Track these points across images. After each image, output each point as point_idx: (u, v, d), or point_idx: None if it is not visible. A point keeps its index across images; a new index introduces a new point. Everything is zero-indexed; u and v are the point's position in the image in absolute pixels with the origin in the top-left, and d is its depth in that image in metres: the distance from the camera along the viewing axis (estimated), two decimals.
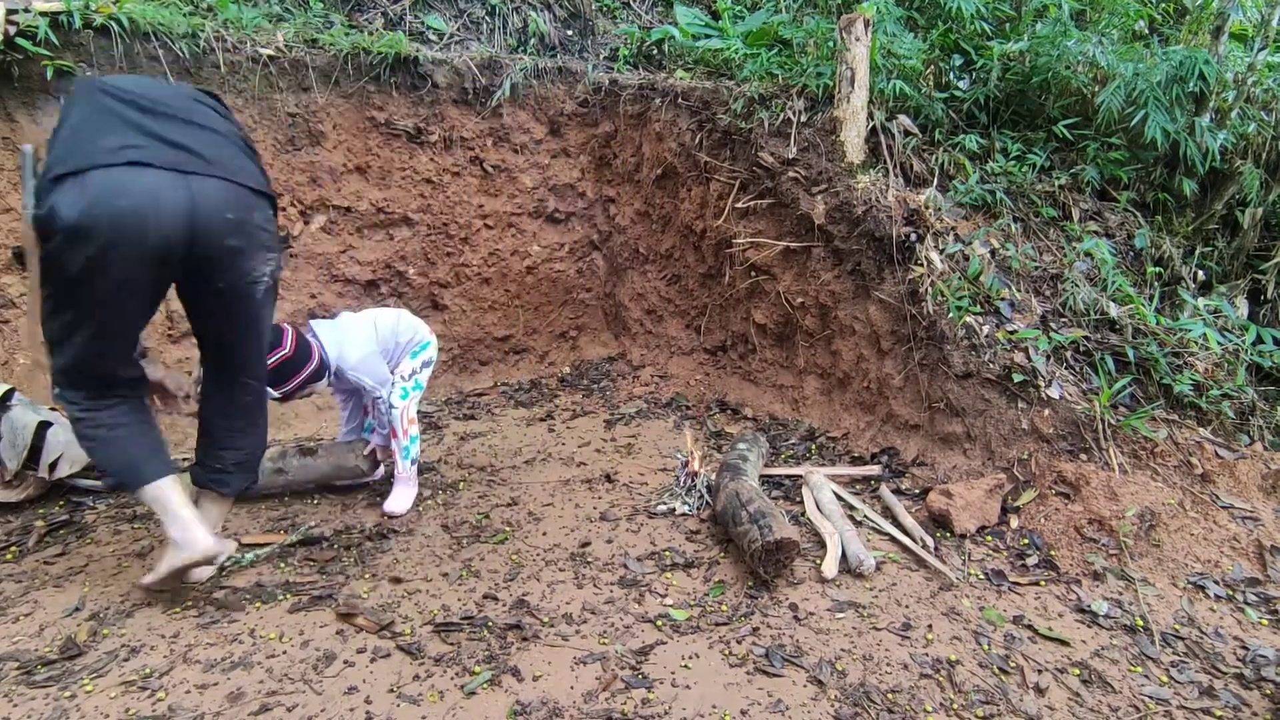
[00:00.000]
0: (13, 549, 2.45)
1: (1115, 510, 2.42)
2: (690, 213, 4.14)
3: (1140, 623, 2.11)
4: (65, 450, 2.77)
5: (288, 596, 2.19)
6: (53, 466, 2.74)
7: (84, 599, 2.18)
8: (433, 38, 4.31)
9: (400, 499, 2.77)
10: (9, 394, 2.75)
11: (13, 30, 2.93)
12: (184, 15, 3.44)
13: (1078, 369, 2.82)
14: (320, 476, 2.87)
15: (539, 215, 4.52)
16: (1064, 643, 2.04)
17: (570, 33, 4.69)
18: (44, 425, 2.76)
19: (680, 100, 4.04)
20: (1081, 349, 2.88)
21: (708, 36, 4.43)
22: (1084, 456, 2.60)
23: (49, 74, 3.05)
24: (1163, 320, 2.96)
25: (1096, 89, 3.45)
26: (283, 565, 2.38)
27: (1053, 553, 2.43)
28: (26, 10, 3.00)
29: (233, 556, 2.33)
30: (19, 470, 2.70)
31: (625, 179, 4.55)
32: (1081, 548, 2.41)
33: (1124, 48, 3.54)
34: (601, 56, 4.64)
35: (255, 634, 2.01)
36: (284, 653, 1.94)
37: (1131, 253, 3.35)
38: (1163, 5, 4.21)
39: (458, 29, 4.41)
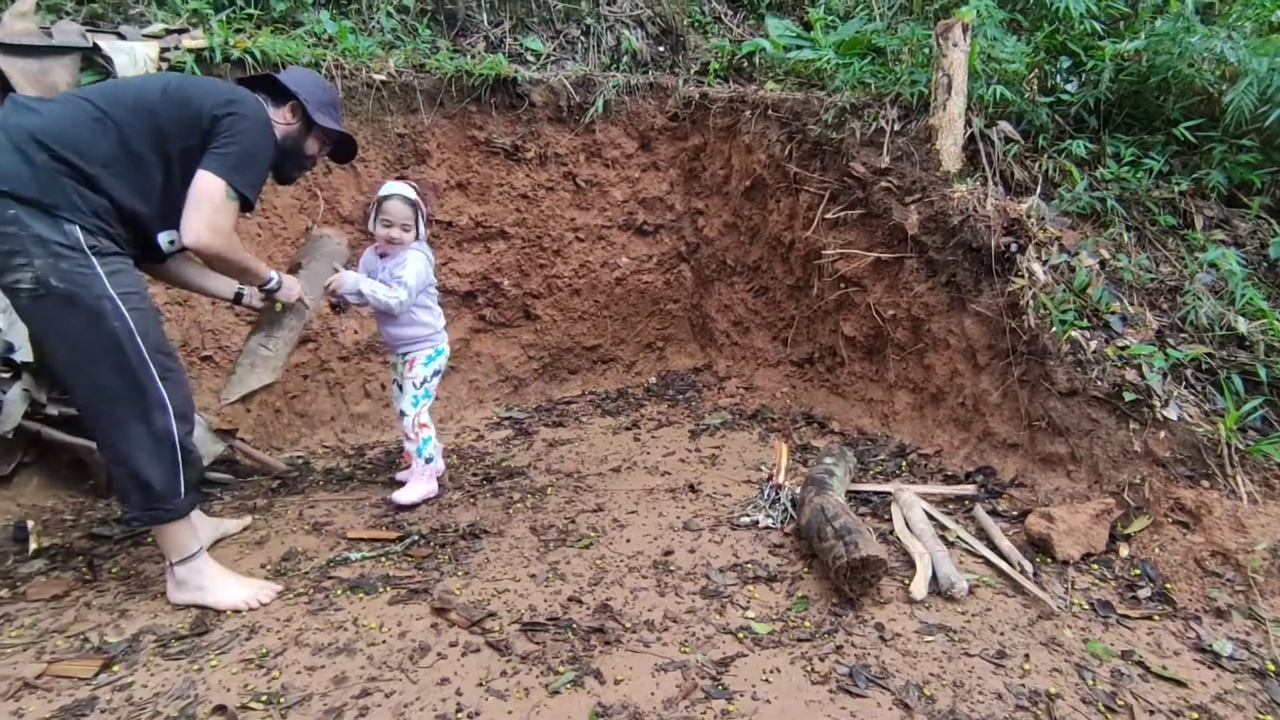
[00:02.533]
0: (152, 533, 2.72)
1: (1243, 543, 2.23)
2: (779, 224, 4.12)
3: (1271, 667, 1.94)
4: (198, 445, 3.05)
5: (387, 589, 2.33)
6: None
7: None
8: (530, 58, 4.48)
9: (411, 492, 2.95)
10: None
11: (164, 66, 3.27)
12: (308, 46, 3.74)
13: (1199, 388, 2.63)
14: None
15: (628, 228, 4.61)
16: (1180, 683, 1.89)
17: (662, 49, 4.77)
18: None
19: (770, 112, 4.04)
20: (1204, 367, 2.67)
21: (799, 47, 4.41)
22: (1205, 483, 2.41)
23: None
24: None
25: (1224, 87, 3.21)
26: (383, 559, 2.53)
27: (1168, 585, 2.26)
28: (176, 48, 3.34)
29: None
30: None
31: (714, 191, 4.58)
32: (1202, 581, 2.24)
33: (1257, 42, 3.27)
34: (692, 71, 4.69)
35: (358, 623, 2.15)
36: (383, 642, 2.06)
37: (1265, 263, 3.08)
38: None
39: (554, 49, 4.58)
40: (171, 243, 2.22)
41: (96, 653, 2.01)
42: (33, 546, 2.57)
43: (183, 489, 2.13)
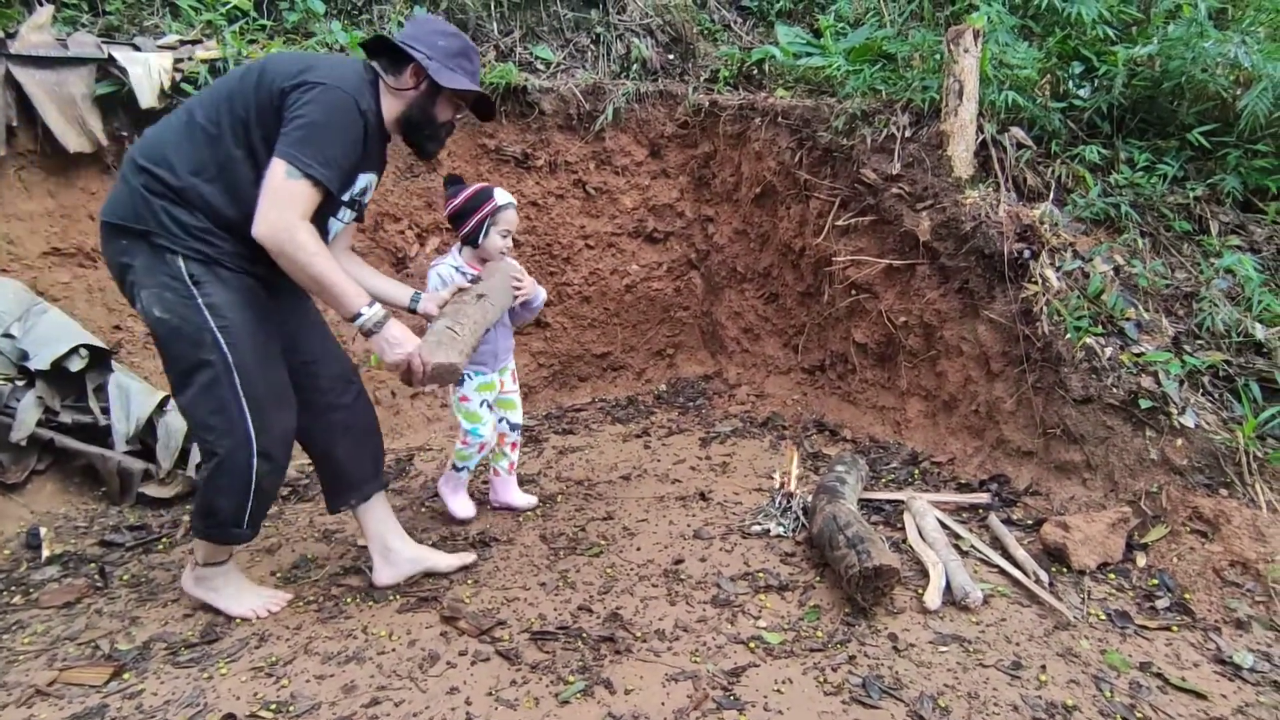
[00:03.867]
0: (164, 540, 2.73)
1: (1263, 552, 2.19)
2: (789, 231, 4.11)
3: None
4: None
5: (396, 597, 2.32)
6: (199, 467, 3.03)
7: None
8: (540, 67, 4.50)
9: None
10: (165, 400, 3.07)
11: (178, 77, 3.31)
12: None
13: (1216, 396, 2.59)
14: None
15: (638, 235, 4.61)
16: (1200, 696, 1.86)
17: (671, 57, 4.78)
18: None
19: (780, 119, 4.03)
20: (1221, 374, 2.64)
21: (809, 55, 4.41)
22: (1224, 492, 2.38)
23: None
24: None
25: (1239, 92, 3.18)
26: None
27: (1187, 596, 2.23)
28: (190, 59, 3.38)
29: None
30: (171, 469, 3.01)
31: (724, 198, 4.57)
32: (1222, 592, 2.20)
33: (1272, 46, 3.24)
34: (702, 79, 4.70)
35: (368, 631, 2.14)
36: (393, 650, 2.05)
37: None
38: None
39: (564, 58, 4.59)
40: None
41: (107, 660, 2.02)
42: (45, 553, 2.59)
43: (245, 522, 2.09)
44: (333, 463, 2.32)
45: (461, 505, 2.89)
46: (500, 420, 2.91)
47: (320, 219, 1.98)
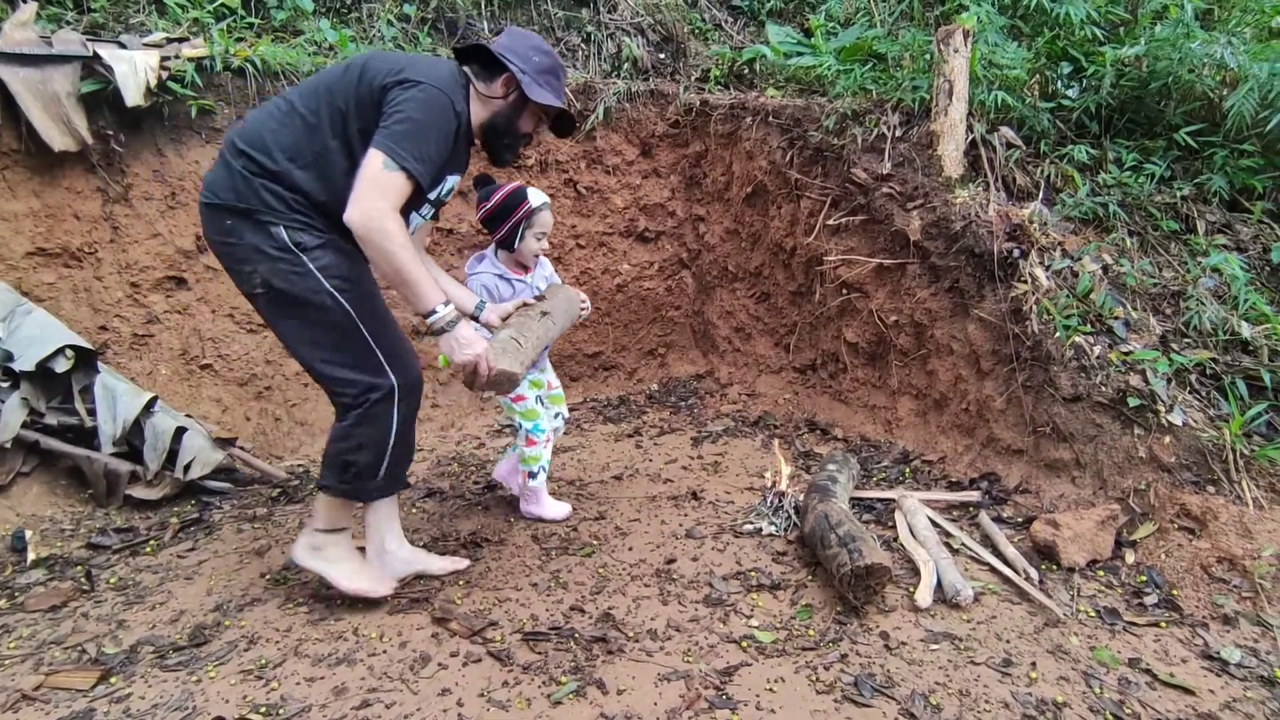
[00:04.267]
0: (151, 543, 2.71)
1: (1249, 549, 2.21)
2: (780, 230, 4.11)
3: None
4: (198, 454, 3.04)
5: (388, 599, 2.31)
6: (186, 468, 3.01)
7: (210, 591, 2.37)
8: None
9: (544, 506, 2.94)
10: (152, 401, 3.04)
11: (165, 75, 3.28)
12: (309, 55, 3.75)
13: (1204, 394, 2.61)
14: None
15: (630, 234, 4.61)
16: (1189, 691, 1.87)
17: (663, 56, 4.78)
18: (180, 430, 3.04)
19: (771, 118, 4.04)
20: (1208, 372, 2.66)
21: (799, 54, 4.41)
22: (1211, 489, 2.40)
23: (193, 113, 3.39)
24: None
25: (1225, 92, 3.21)
26: None
27: (1175, 592, 2.24)
28: (177, 57, 3.35)
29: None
30: (158, 471, 2.98)
31: (715, 197, 4.57)
32: (1209, 588, 2.22)
33: (1258, 47, 3.27)
34: (693, 78, 4.70)
35: (358, 633, 2.13)
36: (384, 652, 2.04)
37: (1268, 268, 3.07)
38: None
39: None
40: None
41: (94, 664, 2.00)
42: (31, 557, 2.56)
43: (382, 473, 2.15)
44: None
45: (554, 508, 2.87)
46: (555, 415, 2.93)
47: (404, 213, 2.01)
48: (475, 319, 2.46)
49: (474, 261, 2.72)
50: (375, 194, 1.88)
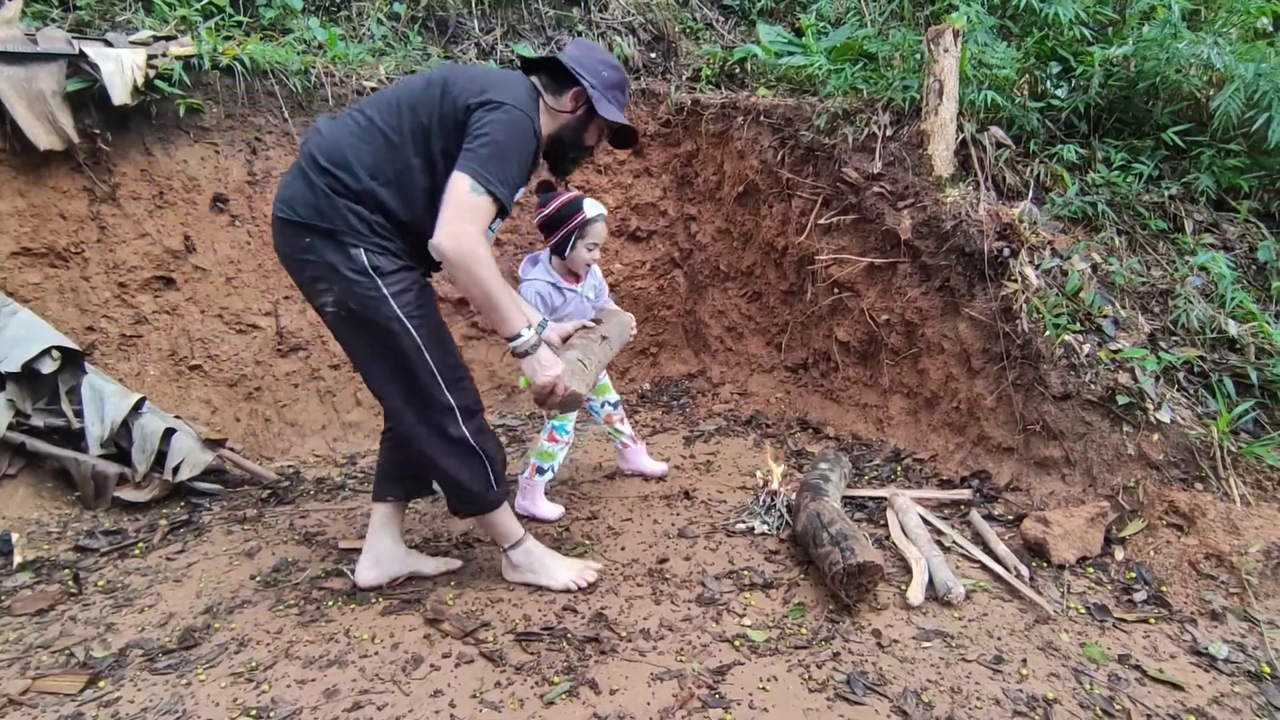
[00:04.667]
0: (139, 545, 2.69)
1: (1236, 545, 2.23)
2: (771, 230, 4.12)
3: (1267, 669, 1.94)
4: (187, 455, 3.02)
5: (379, 600, 2.30)
6: (175, 470, 2.99)
7: (200, 593, 2.35)
8: None
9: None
10: (140, 403, 3.02)
11: (152, 74, 3.25)
12: (298, 54, 3.72)
13: (1192, 391, 2.63)
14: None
15: (621, 234, 4.60)
16: (1177, 687, 1.89)
17: (654, 55, 4.78)
18: (169, 432, 3.02)
19: (762, 118, 4.04)
20: (1196, 370, 2.68)
21: (790, 54, 4.42)
22: (1199, 486, 2.42)
23: (181, 112, 3.37)
24: None
25: (1212, 92, 3.23)
26: None
27: (1164, 588, 2.26)
28: (164, 55, 3.32)
29: None
30: (147, 473, 2.96)
31: (706, 197, 4.58)
32: (1197, 584, 2.24)
33: (1243, 47, 3.30)
34: (684, 77, 4.70)
35: (350, 634, 2.12)
36: (375, 653, 2.03)
37: (1254, 266, 3.10)
38: None
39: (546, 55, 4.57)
40: None
41: (82, 668, 1.98)
42: (17, 560, 2.54)
43: (492, 482, 2.18)
44: (407, 454, 2.35)
45: (547, 508, 2.89)
46: (602, 405, 3.11)
47: None
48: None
49: (528, 264, 2.78)
50: (464, 218, 1.88)
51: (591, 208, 2.65)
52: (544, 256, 2.78)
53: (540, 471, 2.87)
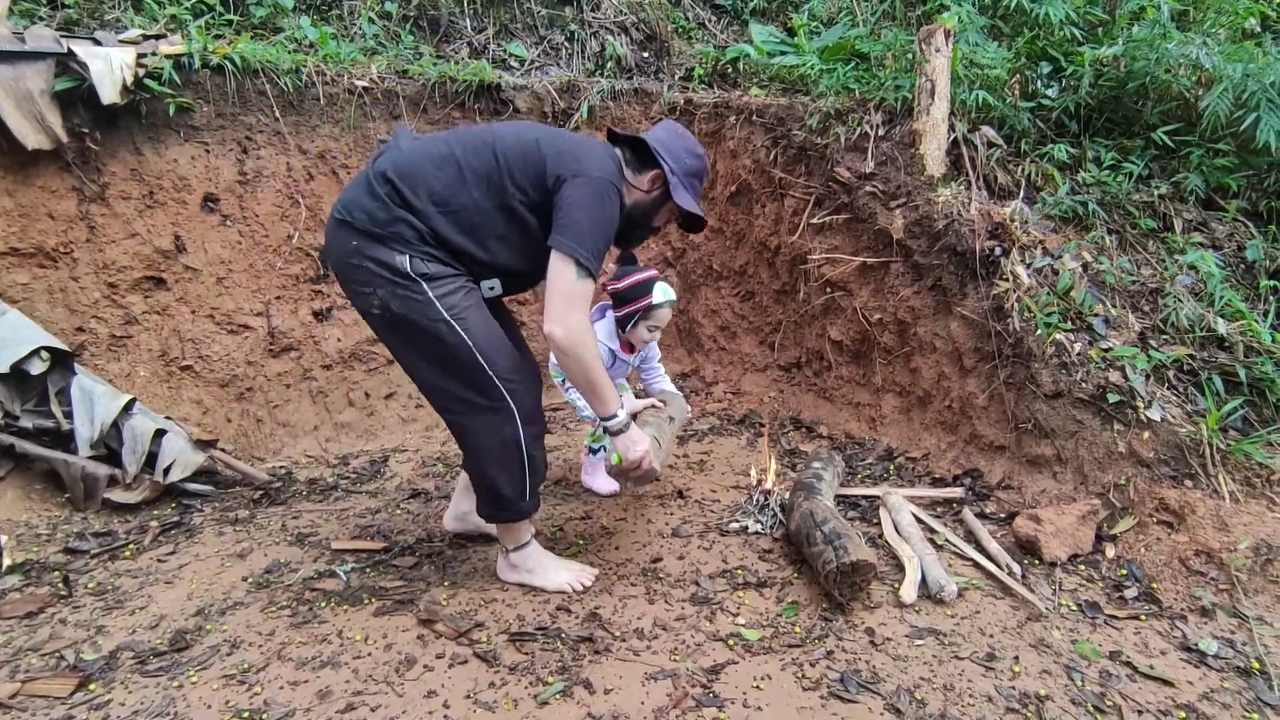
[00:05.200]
0: (130, 547, 2.67)
1: (1226, 542, 2.25)
2: (764, 229, 4.12)
3: (1256, 665, 1.95)
4: (178, 456, 3.00)
5: (372, 600, 2.29)
6: (166, 471, 2.97)
7: (191, 595, 2.34)
8: (514, 64, 4.47)
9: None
10: (130, 403, 3.00)
11: (141, 72, 3.23)
12: (289, 53, 3.70)
13: (1181, 389, 2.65)
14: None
15: None
16: (1168, 683, 1.90)
17: (646, 55, 4.78)
18: (160, 433, 3.00)
19: (755, 117, 4.05)
20: (1185, 368, 2.70)
21: (783, 53, 4.43)
22: (1189, 483, 2.44)
23: (171, 111, 3.35)
24: (1279, 338, 2.74)
25: (1200, 93, 3.26)
26: (368, 570, 2.49)
27: (1154, 585, 2.28)
28: (154, 54, 3.30)
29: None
30: (137, 474, 2.94)
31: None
32: (1187, 581, 2.25)
33: (1232, 48, 3.32)
34: (677, 77, 4.70)
35: (343, 635, 2.11)
36: (369, 655, 2.02)
37: (1243, 265, 3.13)
38: (1278, 1, 3.94)
39: (538, 55, 4.57)
40: (492, 289, 2.14)
41: (72, 671, 1.96)
42: (6, 562, 2.51)
43: (528, 493, 2.20)
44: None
45: (605, 483, 3.10)
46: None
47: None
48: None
49: (595, 313, 2.83)
50: (575, 308, 1.97)
51: (661, 293, 2.72)
52: (610, 314, 2.85)
53: (592, 451, 3.11)
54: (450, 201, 2.00)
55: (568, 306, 1.97)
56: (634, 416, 2.54)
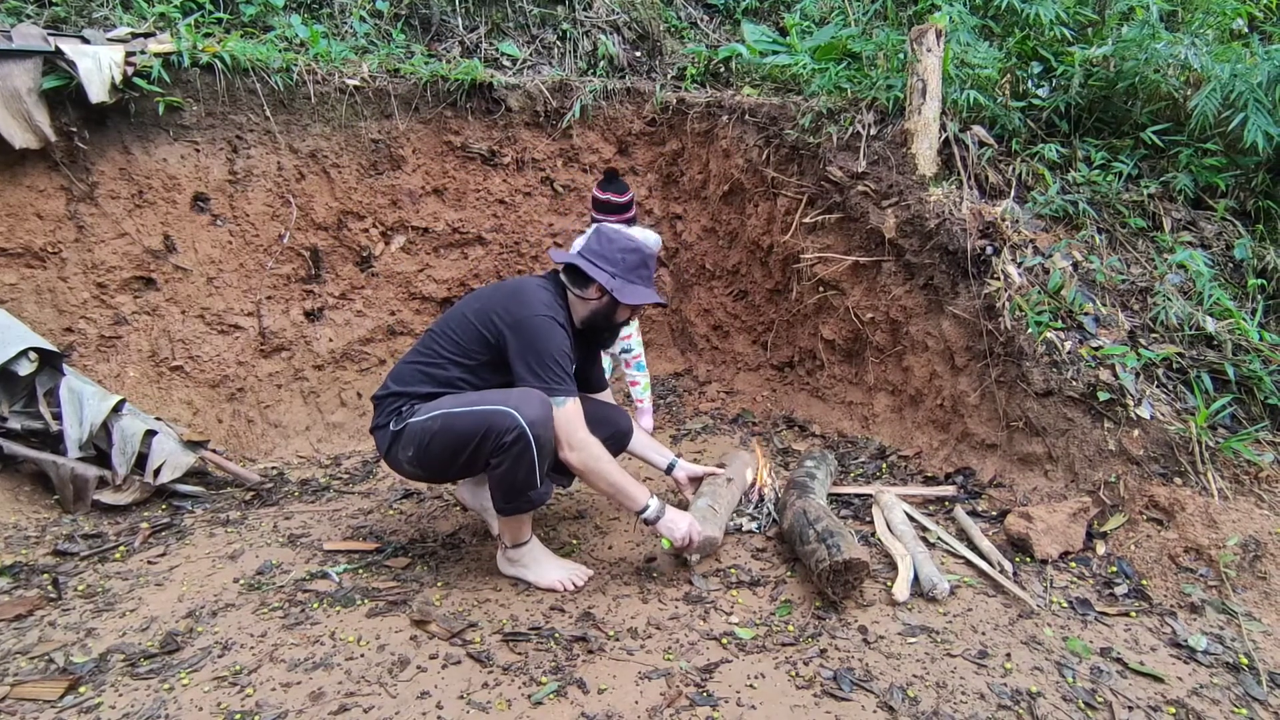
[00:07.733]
0: (120, 549, 2.65)
1: (1215, 539, 2.27)
2: (757, 228, 4.13)
3: (1245, 661, 1.97)
4: (168, 457, 2.98)
5: (365, 601, 2.28)
6: (156, 472, 2.95)
7: (182, 597, 2.33)
8: (506, 64, 4.46)
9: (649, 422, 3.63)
10: (120, 404, 2.97)
11: (130, 71, 3.21)
12: (279, 51, 3.68)
13: (1171, 387, 2.67)
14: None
15: None
16: (1158, 679, 1.91)
17: (639, 54, 4.77)
18: (150, 433, 2.98)
19: (747, 117, 4.05)
20: (1175, 366, 2.72)
21: (775, 53, 4.44)
22: (1179, 480, 2.45)
23: (160, 110, 3.32)
24: (1267, 336, 2.76)
25: (1189, 92, 3.28)
26: (361, 571, 2.48)
27: (1144, 582, 2.29)
28: (143, 52, 3.28)
29: None
30: (127, 475, 2.92)
31: (692, 196, 4.58)
32: (1177, 578, 2.27)
33: (1220, 48, 3.35)
34: (669, 76, 4.70)
35: (335, 636, 2.10)
36: (361, 656, 2.02)
37: (1231, 264, 3.15)
38: (1265, 2, 3.97)
39: (530, 54, 4.56)
40: None
41: (62, 673, 1.95)
42: None
43: (538, 480, 2.23)
44: None
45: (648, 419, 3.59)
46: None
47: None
48: (668, 472, 2.78)
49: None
50: (574, 429, 2.20)
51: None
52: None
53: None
54: (428, 386, 2.30)
55: (569, 430, 2.19)
56: (697, 482, 2.74)
